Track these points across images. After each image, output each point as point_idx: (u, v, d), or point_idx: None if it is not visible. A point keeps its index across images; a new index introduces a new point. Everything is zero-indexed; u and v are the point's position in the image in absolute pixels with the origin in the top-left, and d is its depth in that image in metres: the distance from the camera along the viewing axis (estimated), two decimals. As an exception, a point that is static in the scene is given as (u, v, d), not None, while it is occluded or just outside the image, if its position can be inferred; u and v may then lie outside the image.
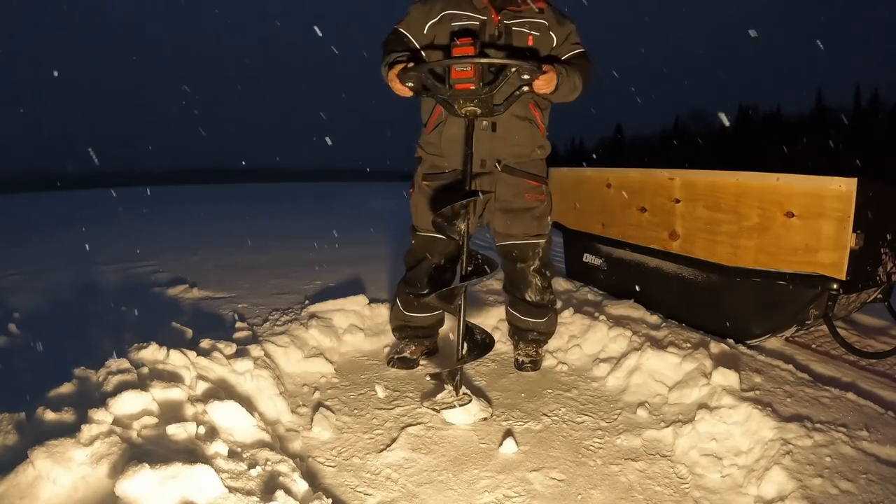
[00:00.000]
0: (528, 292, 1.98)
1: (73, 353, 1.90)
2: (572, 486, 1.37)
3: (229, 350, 1.77)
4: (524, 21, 1.81)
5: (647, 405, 1.73)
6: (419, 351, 2.10)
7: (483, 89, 1.63)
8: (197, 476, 1.00)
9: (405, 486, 1.36)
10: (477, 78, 1.61)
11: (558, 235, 3.25)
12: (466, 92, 1.63)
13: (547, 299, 2.02)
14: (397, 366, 2.05)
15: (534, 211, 1.92)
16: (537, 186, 1.93)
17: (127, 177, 62.04)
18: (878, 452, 1.38)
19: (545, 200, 1.95)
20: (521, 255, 1.95)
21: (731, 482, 1.37)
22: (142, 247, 4.84)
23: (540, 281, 1.98)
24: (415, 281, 2.01)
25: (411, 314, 2.06)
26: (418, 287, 2.00)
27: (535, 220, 1.92)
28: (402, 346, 2.10)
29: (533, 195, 1.91)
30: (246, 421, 1.39)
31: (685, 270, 2.38)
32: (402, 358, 2.06)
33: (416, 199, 1.98)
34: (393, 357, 2.08)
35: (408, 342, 2.10)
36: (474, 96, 1.65)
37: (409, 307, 2.05)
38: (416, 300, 2.01)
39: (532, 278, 1.97)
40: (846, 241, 1.80)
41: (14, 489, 1.04)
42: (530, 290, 1.98)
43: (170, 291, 3.11)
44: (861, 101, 40.33)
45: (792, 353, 2.14)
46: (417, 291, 2.00)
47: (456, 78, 1.62)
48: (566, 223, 3.12)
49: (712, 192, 2.23)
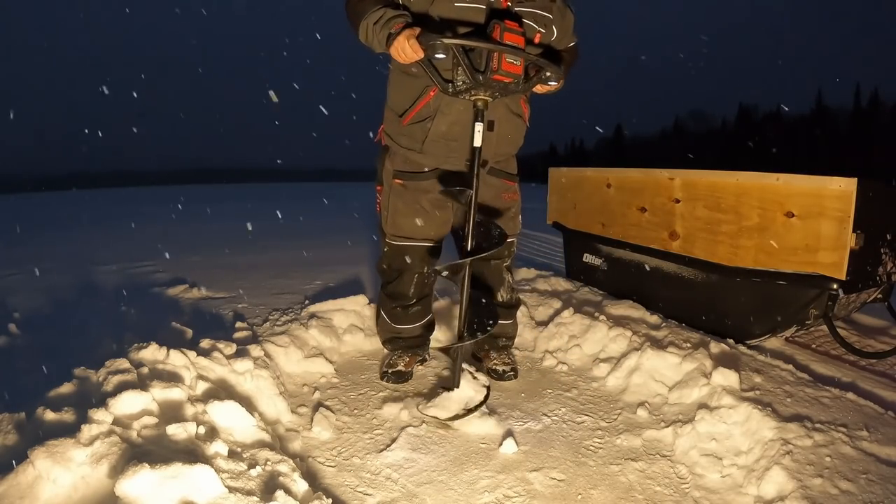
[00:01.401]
0: (500, 291, 1.97)
1: (73, 353, 1.90)
2: (572, 486, 1.37)
3: (229, 350, 1.77)
4: (534, 13, 1.63)
5: (647, 405, 1.73)
6: (413, 362, 2.00)
7: (520, 85, 1.54)
8: (197, 476, 1.00)
9: (405, 486, 1.36)
10: (521, 73, 1.50)
11: (558, 235, 3.26)
12: (501, 84, 1.50)
13: (515, 298, 2.03)
14: (392, 380, 1.93)
15: (510, 211, 1.90)
16: (512, 186, 1.91)
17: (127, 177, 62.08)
18: (878, 452, 1.38)
19: (518, 199, 1.94)
20: (497, 253, 1.88)
21: (731, 482, 1.37)
22: (142, 247, 4.84)
23: (510, 277, 1.99)
24: (398, 294, 1.90)
25: (401, 326, 1.96)
26: (405, 300, 1.90)
27: (511, 221, 1.91)
28: (394, 358, 1.99)
29: (509, 195, 1.89)
30: (246, 421, 1.39)
31: (685, 270, 2.38)
32: (396, 372, 1.95)
33: (390, 202, 1.81)
34: (387, 371, 1.97)
35: (401, 354, 1.99)
36: (507, 91, 1.54)
37: (397, 319, 1.95)
38: (405, 311, 1.92)
39: (504, 275, 1.97)
40: (846, 241, 1.80)
41: (14, 489, 1.04)
42: (503, 289, 1.98)
43: (170, 291, 3.11)
44: (861, 101, 40.36)
45: (792, 353, 2.14)
46: (404, 303, 1.91)
47: (505, 70, 1.45)
48: (566, 223, 3.12)
49: (712, 192, 2.22)
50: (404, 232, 1.81)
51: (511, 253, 1.96)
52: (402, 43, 1.46)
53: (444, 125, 1.67)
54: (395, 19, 1.48)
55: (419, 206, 1.78)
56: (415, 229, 1.80)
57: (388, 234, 1.85)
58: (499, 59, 1.45)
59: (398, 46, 1.47)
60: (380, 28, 1.49)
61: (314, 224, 7.42)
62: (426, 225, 1.80)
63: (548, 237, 5.12)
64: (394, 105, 1.75)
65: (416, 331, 1.98)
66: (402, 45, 1.46)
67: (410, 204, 1.78)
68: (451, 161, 1.74)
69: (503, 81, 1.49)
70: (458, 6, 1.55)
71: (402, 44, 1.46)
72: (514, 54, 1.46)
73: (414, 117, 1.69)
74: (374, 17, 1.50)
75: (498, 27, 1.48)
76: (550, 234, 4.32)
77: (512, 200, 1.90)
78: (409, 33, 1.45)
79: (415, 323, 1.96)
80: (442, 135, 1.68)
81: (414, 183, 1.78)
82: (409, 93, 1.69)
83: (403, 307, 1.92)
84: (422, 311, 1.96)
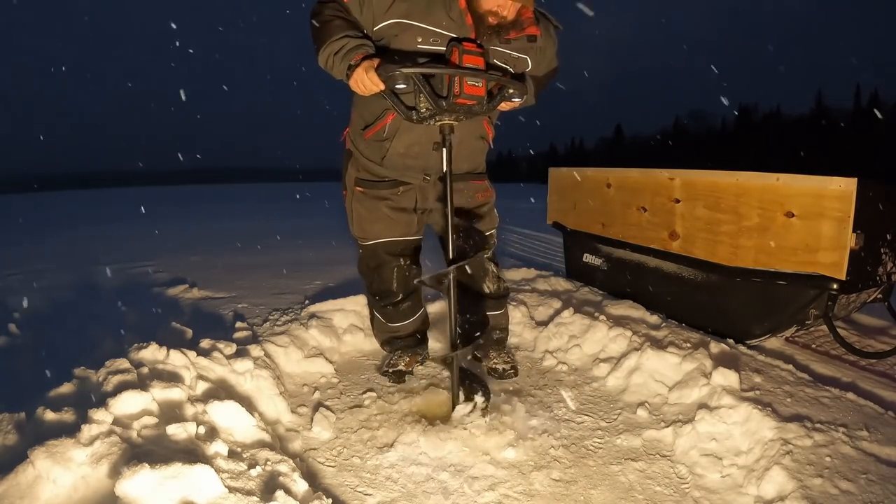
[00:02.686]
0: (486, 282, 1.98)
1: (73, 353, 1.90)
2: (572, 486, 1.37)
3: (229, 350, 1.77)
4: (506, 55, 1.63)
5: (647, 405, 1.73)
6: (413, 362, 2.01)
7: (484, 107, 1.52)
8: (197, 476, 1.00)
9: (405, 486, 1.36)
10: (484, 94, 1.48)
11: (558, 235, 3.26)
12: (465, 107, 1.48)
13: (503, 288, 2.04)
14: (392, 379, 1.94)
15: (484, 208, 1.93)
16: (482, 185, 1.92)
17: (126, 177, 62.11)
18: (878, 452, 1.38)
19: (491, 195, 1.96)
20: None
21: (731, 482, 1.37)
22: (142, 247, 4.85)
23: (495, 268, 2.00)
24: (384, 291, 1.92)
25: (396, 324, 1.98)
26: (391, 296, 1.92)
27: (488, 216, 1.94)
28: (394, 358, 2.00)
29: (481, 194, 1.91)
30: (246, 421, 1.39)
31: (685, 270, 2.38)
32: (396, 371, 1.96)
33: (353, 207, 1.85)
34: (387, 370, 1.98)
35: (401, 354, 2.00)
36: (472, 113, 1.53)
37: (391, 318, 1.97)
38: (395, 308, 1.93)
39: (488, 265, 1.98)
40: (846, 241, 1.80)
41: (14, 489, 1.04)
42: (488, 280, 1.98)
43: (170, 291, 3.11)
44: (861, 101, 40.36)
45: (792, 353, 2.14)
46: (393, 300, 1.92)
47: (468, 93, 1.44)
48: (566, 223, 3.12)
49: (712, 192, 2.22)
50: (371, 235, 1.85)
51: (492, 245, 1.98)
52: (360, 76, 1.44)
53: (403, 147, 1.69)
54: (355, 50, 1.46)
55: (381, 213, 1.82)
56: (381, 232, 1.84)
57: (357, 237, 1.89)
58: (460, 82, 1.43)
59: (357, 79, 1.45)
60: (340, 59, 1.47)
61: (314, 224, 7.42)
62: (390, 228, 1.83)
63: (548, 237, 5.12)
64: (358, 116, 1.77)
65: (410, 327, 2.00)
66: (362, 78, 1.44)
67: (372, 210, 1.82)
68: (409, 175, 1.77)
69: (466, 104, 1.47)
70: (422, 48, 1.53)
71: (360, 76, 1.44)
72: (474, 76, 1.44)
73: (374, 135, 1.71)
74: (335, 46, 1.47)
75: (456, 50, 1.46)
76: (550, 234, 4.33)
77: (485, 198, 1.92)
78: (367, 65, 1.43)
79: (408, 319, 1.98)
80: (400, 154, 1.71)
81: (374, 191, 1.81)
82: (371, 109, 1.70)
83: (393, 304, 1.93)
84: (412, 307, 1.97)
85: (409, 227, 1.87)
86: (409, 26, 1.52)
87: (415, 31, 1.53)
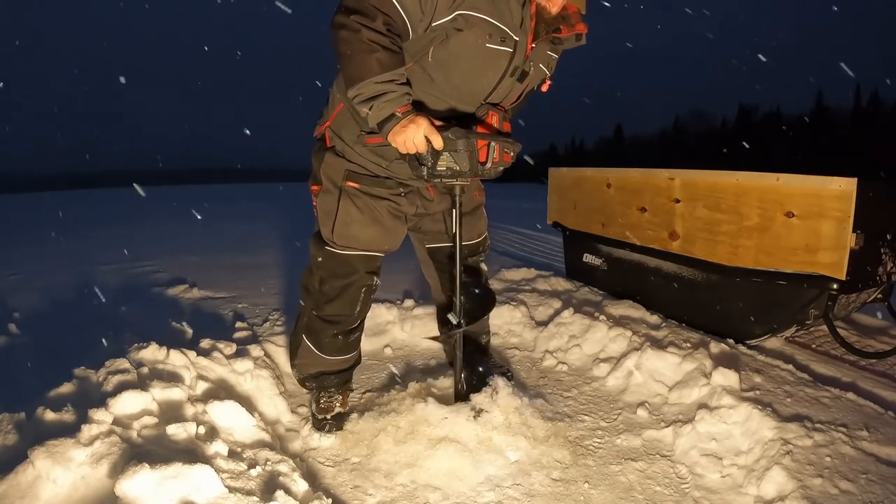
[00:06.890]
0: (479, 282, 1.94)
1: (73, 353, 1.90)
2: (572, 486, 1.37)
3: (229, 350, 1.77)
4: (551, 56, 1.48)
5: (647, 405, 1.73)
6: (347, 399, 1.69)
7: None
8: (197, 476, 1.01)
9: (405, 486, 1.36)
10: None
11: (558, 235, 3.26)
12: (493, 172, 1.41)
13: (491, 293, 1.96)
14: (335, 429, 1.59)
15: (480, 209, 1.87)
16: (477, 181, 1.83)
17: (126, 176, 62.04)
18: (878, 452, 1.38)
19: (483, 195, 1.90)
20: (473, 250, 1.87)
21: (731, 482, 1.37)
22: (142, 247, 4.84)
23: (484, 267, 1.96)
24: (341, 317, 1.58)
25: (335, 357, 1.63)
26: (348, 322, 1.59)
27: (483, 217, 1.89)
28: (326, 400, 1.64)
29: (479, 193, 1.86)
30: (246, 421, 1.39)
31: (685, 270, 2.38)
32: (335, 416, 1.62)
33: (342, 206, 1.51)
34: (325, 418, 1.61)
35: (333, 393, 1.65)
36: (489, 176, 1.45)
37: (332, 349, 1.62)
38: (346, 338, 1.62)
39: (481, 266, 1.94)
40: (846, 241, 1.80)
41: (14, 489, 1.04)
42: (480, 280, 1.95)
43: (170, 291, 3.11)
44: (861, 101, 40.37)
45: (792, 353, 2.14)
46: (347, 327, 1.60)
47: (506, 161, 1.39)
48: (566, 223, 3.12)
49: (712, 192, 2.22)
50: (356, 243, 1.52)
51: (486, 249, 1.93)
52: (414, 133, 1.24)
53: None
54: (402, 98, 1.24)
55: (378, 216, 1.54)
56: (371, 240, 1.54)
57: (332, 242, 1.53)
58: (500, 150, 1.37)
59: (409, 136, 1.24)
60: (382, 103, 1.23)
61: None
62: (383, 238, 1.55)
63: (548, 237, 5.13)
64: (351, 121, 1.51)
65: (350, 361, 1.69)
66: (416, 135, 1.24)
67: (367, 211, 1.52)
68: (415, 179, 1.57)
69: (497, 170, 1.41)
70: (490, 47, 1.33)
71: (413, 133, 1.24)
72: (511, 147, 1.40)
73: (378, 143, 1.48)
74: (377, 89, 1.23)
75: (495, 115, 1.40)
76: (550, 234, 4.33)
77: (481, 196, 1.88)
78: (423, 123, 1.24)
79: (351, 352, 1.67)
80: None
81: (373, 189, 1.53)
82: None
83: (345, 333, 1.61)
84: (360, 336, 1.70)
85: (397, 239, 1.61)
86: (479, 21, 1.29)
87: (485, 28, 1.30)
